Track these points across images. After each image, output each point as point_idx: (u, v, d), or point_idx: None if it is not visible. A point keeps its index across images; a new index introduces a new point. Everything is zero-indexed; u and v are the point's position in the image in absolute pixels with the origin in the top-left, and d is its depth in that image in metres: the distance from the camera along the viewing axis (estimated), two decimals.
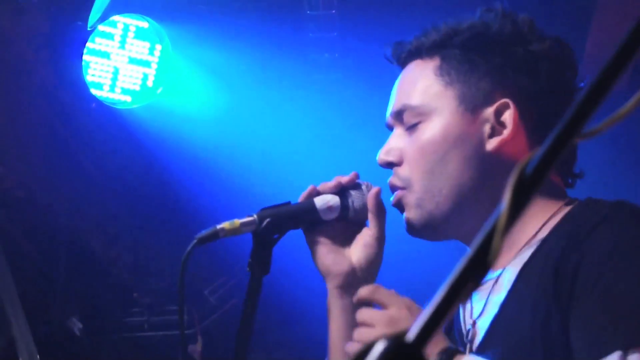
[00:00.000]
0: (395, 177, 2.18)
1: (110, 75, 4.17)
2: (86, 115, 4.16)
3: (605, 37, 4.03)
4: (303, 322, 4.92)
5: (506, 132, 2.12)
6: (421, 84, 2.18)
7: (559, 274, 1.91)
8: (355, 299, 2.06)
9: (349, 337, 2.17)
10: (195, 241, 2.09)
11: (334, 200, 2.19)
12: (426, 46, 2.22)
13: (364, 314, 2.01)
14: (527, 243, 2.08)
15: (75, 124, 4.20)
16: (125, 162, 4.40)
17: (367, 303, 2.06)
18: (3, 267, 3.98)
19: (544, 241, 2.04)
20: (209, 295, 4.94)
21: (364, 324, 1.99)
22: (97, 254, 4.76)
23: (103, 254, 4.81)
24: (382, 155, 2.21)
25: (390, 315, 1.96)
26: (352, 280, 2.19)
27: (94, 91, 4.12)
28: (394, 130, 2.23)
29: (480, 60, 2.15)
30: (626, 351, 1.79)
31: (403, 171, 2.17)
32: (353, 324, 2.17)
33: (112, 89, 4.18)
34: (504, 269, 2.08)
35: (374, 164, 2.26)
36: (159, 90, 4.23)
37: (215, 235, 2.09)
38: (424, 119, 2.16)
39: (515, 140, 2.13)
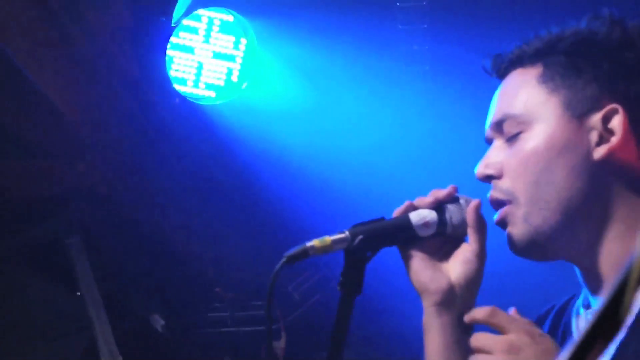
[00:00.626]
0: (496, 191, 2.05)
1: (194, 71, 4.11)
2: (169, 110, 4.11)
3: None
4: (398, 340, 4.84)
5: (615, 140, 1.98)
6: (523, 92, 2.05)
7: None
8: (468, 318, 1.93)
9: (447, 357, 2.06)
10: (284, 259, 1.98)
11: (430, 215, 2.06)
12: (528, 54, 2.08)
13: (481, 339, 1.88)
14: None
15: (158, 120, 4.15)
16: (207, 158, 4.35)
17: (477, 327, 1.94)
18: (85, 266, 3.96)
19: None
20: (292, 291, 4.87)
21: (481, 351, 1.87)
22: (179, 250, 4.72)
23: (184, 250, 4.77)
24: (481, 169, 2.08)
25: (511, 342, 1.83)
26: (451, 298, 2.07)
27: (177, 87, 4.05)
28: (494, 142, 2.10)
29: (587, 66, 2.02)
30: None
31: (504, 184, 2.04)
32: (451, 344, 2.06)
33: (195, 84, 4.12)
34: None
35: (471, 173, 2.13)
36: (244, 86, 4.16)
37: (305, 253, 1.98)
38: (526, 128, 2.02)
39: (625, 148, 1.98)
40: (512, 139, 2.05)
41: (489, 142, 2.12)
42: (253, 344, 5.13)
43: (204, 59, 4.12)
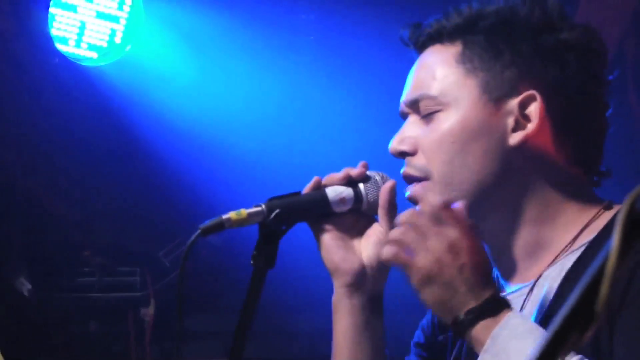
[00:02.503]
0: (410, 167, 2.03)
1: (76, 30, 3.98)
2: (48, 70, 3.97)
3: (596, 4, 3.95)
4: (305, 318, 4.85)
5: (531, 127, 1.97)
6: (441, 72, 2.02)
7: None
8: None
9: (355, 339, 2.06)
10: (198, 232, 1.94)
11: (347, 191, 2.05)
12: (447, 30, 2.05)
13: (418, 219, 1.83)
14: (565, 249, 1.96)
15: (35, 79, 4.02)
16: (87, 119, 4.24)
17: None
18: None
19: (589, 247, 1.92)
20: (163, 258, 4.80)
21: (414, 228, 1.83)
22: (47, 212, 4.60)
23: (53, 212, 4.66)
24: (395, 144, 2.06)
25: (452, 241, 1.79)
26: (362, 279, 2.06)
27: (59, 46, 3.92)
28: (409, 117, 2.08)
29: (506, 48, 2.00)
30: None
31: (419, 161, 2.02)
32: (360, 326, 2.07)
33: (77, 44, 4.00)
34: (540, 276, 1.96)
35: (379, 147, 2.13)
36: (128, 48, 4.05)
37: (221, 225, 1.94)
38: (443, 108, 2.00)
39: (540, 135, 1.99)
40: (428, 116, 2.03)
41: (404, 116, 2.09)
42: (119, 310, 5.06)
43: (87, 19, 4.00)
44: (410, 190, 2.04)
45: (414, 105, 2.06)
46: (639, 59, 4.42)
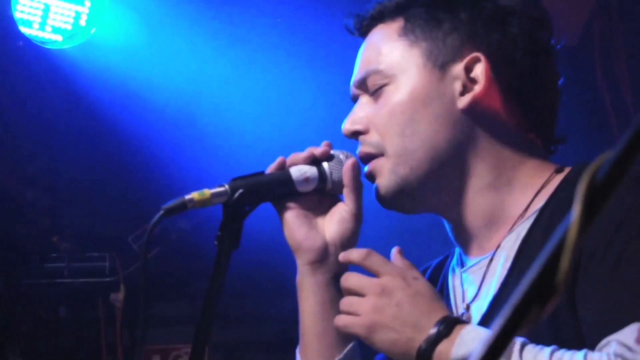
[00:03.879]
0: (365, 146, 2.04)
1: (40, 13, 3.93)
2: (12, 53, 3.93)
3: None
4: (277, 302, 4.84)
5: (478, 88, 1.98)
6: (385, 47, 2.05)
7: None
8: (342, 257, 1.94)
9: (322, 317, 2.05)
10: (161, 212, 1.91)
11: (311, 171, 2.04)
12: (389, 9, 2.08)
13: (352, 280, 1.88)
14: (520, 216, 1.96)
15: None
16: (52, 103, 4.20)
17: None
18: None
19: (541, 212, 1.92)
20: (132, 242, 4.77)
21: (352, 292, 1.87)
22: (15, 197, 4.56)
23: (20, 197, 4.61)
24: (348, 125, 2.06)
25: (383, 284, 1.83)
26: (325, 257, 2.05)
27: (22, 29, 3.87)
28: (359, 99, 2.09)
29: (446, 16, 2.02)
30: None
31: (372, 137, 2.03)
32: (326, 303, 2.05)
33: (41, 27, 3.95)
34: (498, 247, 1.96)
35: (331, 130, 2.12)
36: (93, 31, 4.01)
37: (184, 206, 1.92)
38: (390, 81, 2.02)
39: (489, 96, 1.99)
40: (376, 92, 2.04)
41: (355, 99, 2.11)
42: (89, 296, 5.03)
43: (51, 1, 3.95)
44: (367, 167, 2.04)
45: (363, 84, 2.07)
46: (606, 43, 4.43)
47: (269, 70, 4.22)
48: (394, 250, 1.93)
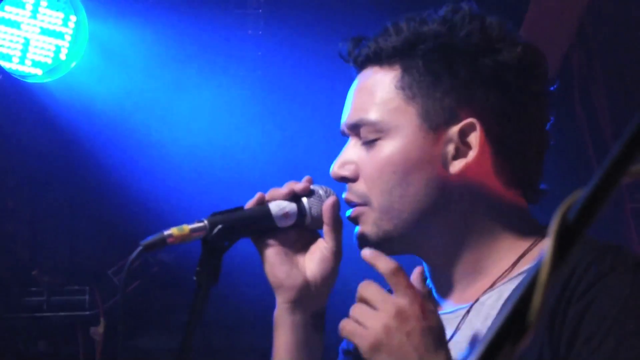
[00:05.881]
0: (351, 194, 2.03)
1: (20, 47, 3.94)
2: None
3: (542, 16, 3.98)
4: (257, 334, 4.82)
5: (471, 154, 1.97)
6: (380, 97, 2.01)
7: (556, 322, 1.78)
8: (368, 254, 1.85)
9: (295, 356, 2.05)
10: (141, 247, 1.92)
11: (290, 206, 2.04)
12: (386, 53, 2.02)
13: (371, 291, 1.81)
14: (503, 276, 1.95)
15: None
16: (33, 136, 4.19)
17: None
18: None
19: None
20: (112, 276, 4.75)
21: (366, 302, 1.81)
22: None
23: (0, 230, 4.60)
24: (336, 169, 2.05)
25: (402, 307, 1.77)
26: (305, 295, 2.05)
27: (2, 62, 3.88)
28: (350, 140, 2.07)
29: (445, 74, 1.98)
30: None
31: (359, 187, 2.02)
32: (301, 343, 2.06)
33: (22, 61, 3.95)
34: (477, 300, 1.96)
35: (324, 162, 2.12)
36: (73, 64, 4.01)
37: (163, 242, 1.92)
38: (384, 135, 1.99)
39: (480, 162, 1.98)
40: (369, 143, 2.02)
41: (345, 134, 2.09)
42: (69, 329, 5.00)
43: (31, 35, 3.95)
44: (352, 211, 2.04)
45: (355, 129, 2.05)
46: (585, 70, 4.46)
47: (248, 104, 4.23)
48: (416, 271, 1.91)
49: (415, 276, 1.91)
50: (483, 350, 1.01)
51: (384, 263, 1.82)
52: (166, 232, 1.93)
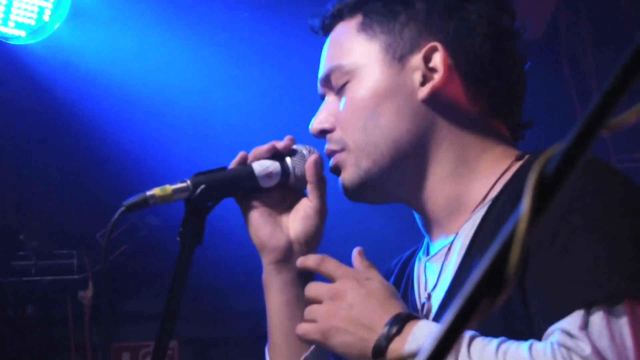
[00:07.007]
0: (331, 143, 2.05)
1: (2, 8, 3.89)
2: None
3: None
4: (248, 298, 4.83)
5: (437, 77, 1.98)
6: (345, 43, 2.06)
7: None
8: (299, 263, 1.94)
9: (289, 314, 2.04)
10: (123, 208, 1.90)
11: (273, 166, 2.03)
12: (348, 6, 2.08)
13: (311, 289, 1.88)
14: (478, 205, 1.95)
15: None
16: (18, 98, 4.17)
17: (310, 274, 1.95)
18: None
19: (495, 201, 1.92)
20: (100, 239, 4.74)
21: (313, 300, 1.87)
22: None
23: None
24: (315, 124, 2.07)
25: (336, 288, 1.83)
26: (290, 255, 2.05)
27: None
28: (326, 97, 2.10)
29: (402, 8, 2.03)
30: (589, 309, 1.65)
31: (336, 135, 2.03)
32: (292, 301, 2.05)
33: (4, 22, 3.91)
34: (457, 233, 1.96)
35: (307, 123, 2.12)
36: (57, 26, 3.97)
37: (145, 202, 1.91)
38: (352, 77, 2.03)
39: (450, 85, 1.99)
40: (341, 90, 2.05)
41: (323, 98, 2.11)
42: (58, 293, 5.01)
43: None
44: (332, 160, 2.05)
45: (327, 81, 2.08)
46: (572, 30, 4.45)
47: (236, 65, 4.21)
48: (355, 252, 1.93)
49: (354, 256, 1.93)
50: (461, 304, 1.00)
51: (310, 260, 1.90)
52: (148, 193, 1.91)
